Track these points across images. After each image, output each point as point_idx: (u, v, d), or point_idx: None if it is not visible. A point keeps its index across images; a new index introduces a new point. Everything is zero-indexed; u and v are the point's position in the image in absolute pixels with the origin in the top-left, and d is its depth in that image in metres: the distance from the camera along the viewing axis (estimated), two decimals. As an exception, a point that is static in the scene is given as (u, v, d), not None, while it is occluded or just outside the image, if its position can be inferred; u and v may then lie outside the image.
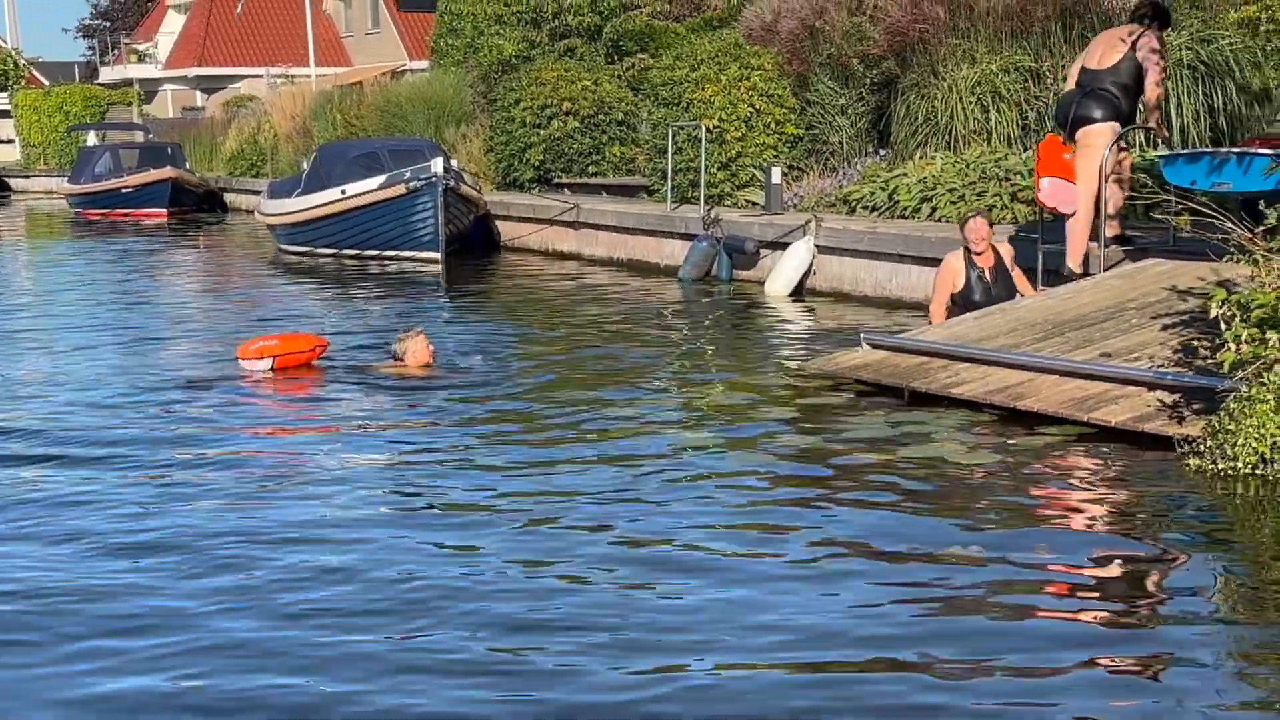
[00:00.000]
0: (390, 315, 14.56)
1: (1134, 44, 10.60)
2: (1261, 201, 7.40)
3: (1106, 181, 10.66)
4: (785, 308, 13.90)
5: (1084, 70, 10.82)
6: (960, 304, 10.73)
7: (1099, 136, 10.59)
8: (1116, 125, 10.60)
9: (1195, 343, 8.40)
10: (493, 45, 25.73)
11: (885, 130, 17.21)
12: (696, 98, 18.04)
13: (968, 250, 10.85)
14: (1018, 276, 10.91)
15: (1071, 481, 7.15)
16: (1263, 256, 6.88)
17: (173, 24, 59.59)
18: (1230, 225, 7.04)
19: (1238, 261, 7.23)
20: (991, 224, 10.92)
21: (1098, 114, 10.59)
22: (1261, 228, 7.06)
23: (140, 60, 58.50)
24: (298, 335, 11.17)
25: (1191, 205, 7.72)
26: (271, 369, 10.51)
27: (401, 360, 10.58)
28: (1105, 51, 10.72)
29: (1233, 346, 6.77)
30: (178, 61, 56.66)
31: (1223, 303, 6.90)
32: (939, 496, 6.95)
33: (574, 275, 17.91)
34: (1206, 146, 13.58)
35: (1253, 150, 9.14)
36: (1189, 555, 6.06)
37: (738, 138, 17.88)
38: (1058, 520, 6.55)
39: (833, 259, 14.49)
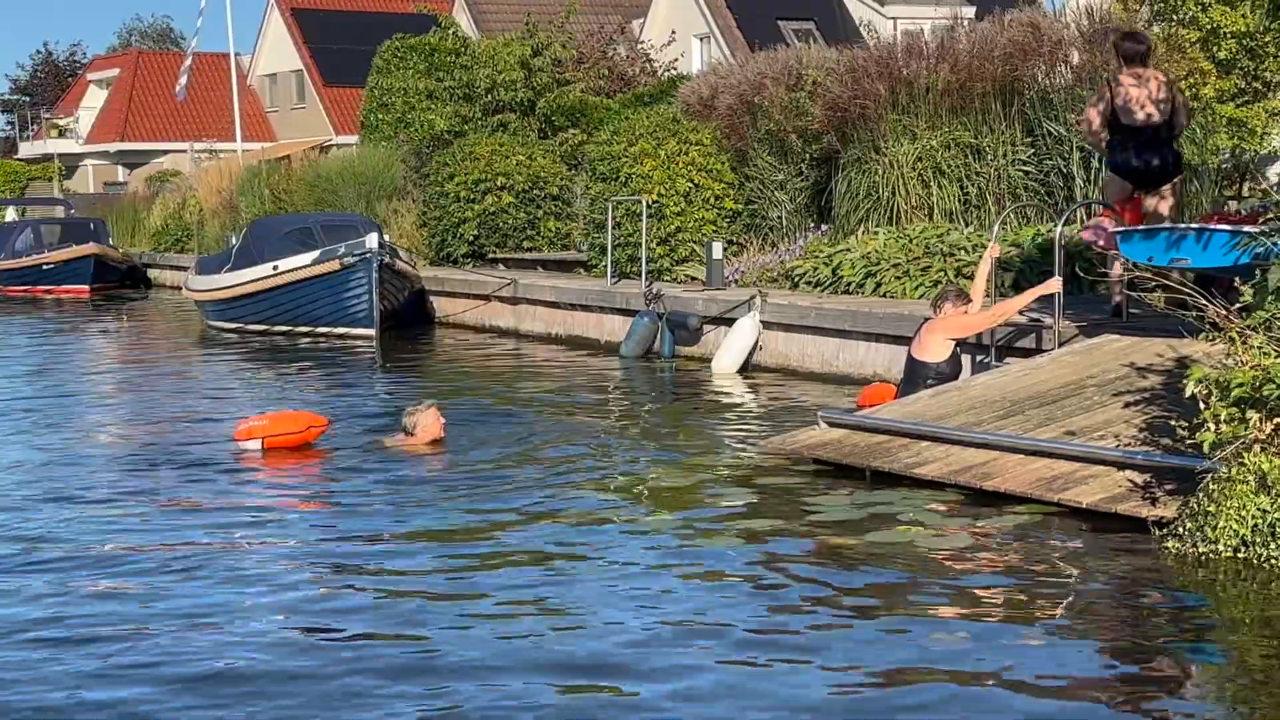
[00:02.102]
0: (324, 393, 14.25)
1: (1171, 91, 10.62)
2: (1237, 279, 7.29)
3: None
4: (733, 384, 13.72)
5: (1139, 128, 10.52)
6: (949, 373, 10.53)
7: (1177, 186, 10.78)
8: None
9: (1161, 421, 8.26)
10: (424, 120, 25.60)
11: (824, 205, 17.17)
12: (635, 172, 17.94)
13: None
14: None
15: (1048, 566, 6.97)
16: (1238, 334, 6.76)
17: (94, 99, 58.98)
18: (1205, 302, 6.92)
19: (1212, 339, 7.12)
20: None
21: (1175, 164, 10.69)
22: (1237, 305, 6.95)
23: (61, 135, 57.76)
24: (291, 414, 10.84)
25: (1166, 282, 7.62)
26: (262, 449, 10.15)
27: (412, 435, 10.26)
28: (1150, 104, 10.51)
29: (1212, 426, 6.63)
30: (99, 136, 56.08)
31: (1200, 381, 6.76)
32: (913, 583, 6.74)
33: (513, 351, 17.67)
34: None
35: (1211, 226, 9.08)
36: (1174, 643, 5.89)
37: (676, 213, 17.77)
38: (1039, 608, 6.34)
39: (778, 335, 14.35)
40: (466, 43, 27.64)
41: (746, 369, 14.40)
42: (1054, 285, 10.71)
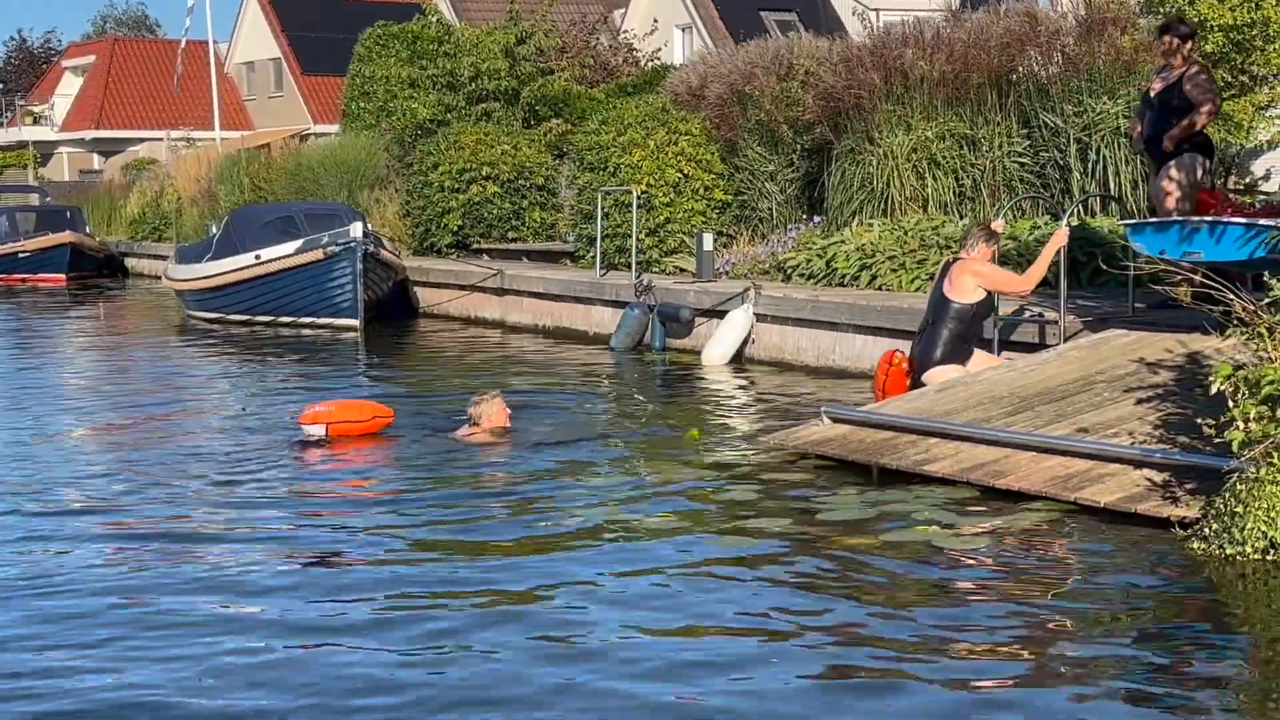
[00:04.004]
0: (308, 384, 14.01)
1: None
2: (1266, 273, 7.11)
3: None
4: (727, 378, 13.51)
5: None
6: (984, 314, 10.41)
7: None
8: None
9: (1176, 418, 8.11)
10: (407, 108, 25.29)
11: (815, 197, 16.97)
12: (624, 162, 17.71)
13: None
14: None
15: (1071, 568, 6.79)
16: (1268, 330, 6.58)
17: (70, 86, 58.47)
18: (1233, 297, 6.73)
19: (1238, 335, 6.92)
20: None
21: None
22: (1266, 300, 6.76)
23: (36, 122, 57.25)
24: (356, 403, 10.78)
25: (1192, 276, 7.44)
26: (326, 436, 10.12)
27: (477, 425, 10.19)
28: None
29: (1241, 424, 6.44)
30: (74, 124, 55.60)
31: (1227, 378, 6.58)
32: (934, 585, 6.55)
33: (500, 343, 17.43)
34: (1146, 215, 13.43)
35: (1225, 219, 8.90)
36: (1203, 649, 5.71)
37: (665, 203, 17.56)
38: (1065, 612, 6.13)
39: (773, 327, 14.14)
40: (450, 31, 27.33)
41: (739, 362, 14.19)
42: (1061, 236, 10.54)
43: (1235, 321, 6.75)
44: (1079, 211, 13.82)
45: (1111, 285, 12.71)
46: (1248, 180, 19.89)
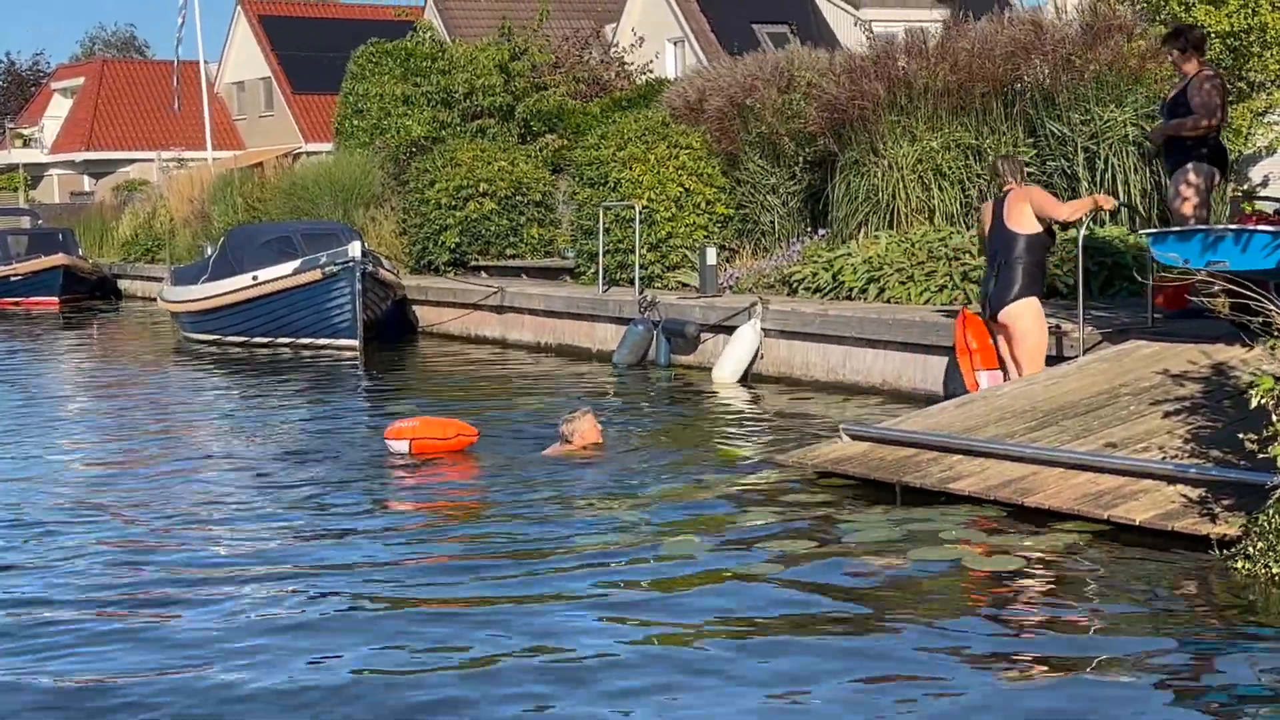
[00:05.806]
0: (308, 407, 13.79)
1: None
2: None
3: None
4: (737, 394, 13.30)
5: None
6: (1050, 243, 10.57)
7: None
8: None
9: (1206, 431, 7.93)
10: (401, 126, 25.11)
11: (818, 210, 16.79)
12: (624, 177, 17.54)
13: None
14: None
15: (1110, 589, 6.58)
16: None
17: (59, 108, 58.25)
18: (1273, 307, 6.55)
19: (1275, 347, 6.75)
20: None
21: None
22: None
23: (25, 145, 57.03)
24: (441, 420, 10.65)
25: (1229, 287, 7.27)
26: (409, 452, 10.07)
27: (570, 442, 10.14)
28: None
29: (1285, 439, 6.27)
30: (64, 146, 55.38)
31: (1269, 391, 6.39)
32: (967, 608, 6.36)
33: (503, 361, 17.22)
34: (1155, 225, 13.28)
35: (1250, 228, 8.73)
36: (1256, 673, 5.52)
37: (667, 218, 17.38)
38: (1108, 635, 5.95)
39: (780, 342, 13.95)
40: (443, 47, 27.16)
41: (747, 378, 14.00)
42: (1104, 199, 10.62)
43: (1276, 332, 6.57)
44: (1089, 222, 13.65)
45: (1124, 295, 12.57)
46: (1245, 187, 19.77)
